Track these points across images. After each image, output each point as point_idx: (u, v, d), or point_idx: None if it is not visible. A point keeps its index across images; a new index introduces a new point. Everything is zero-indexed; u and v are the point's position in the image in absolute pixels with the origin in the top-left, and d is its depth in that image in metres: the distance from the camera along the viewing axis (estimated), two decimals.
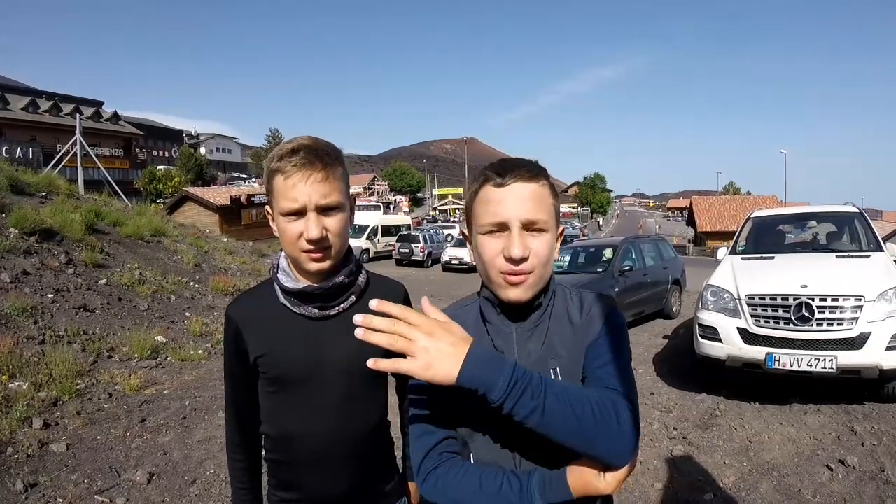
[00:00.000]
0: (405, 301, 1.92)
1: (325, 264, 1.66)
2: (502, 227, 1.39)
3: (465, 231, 1.57)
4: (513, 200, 1.38)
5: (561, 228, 1.53)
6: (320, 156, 1.60)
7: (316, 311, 1.73)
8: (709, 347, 7.02)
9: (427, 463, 1.42)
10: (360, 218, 40.83)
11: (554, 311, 1.51)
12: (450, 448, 1.44)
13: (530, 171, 1.42)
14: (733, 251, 8.63)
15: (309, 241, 1.60)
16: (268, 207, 1.71)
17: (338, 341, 1.73)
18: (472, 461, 1.43)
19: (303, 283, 1.71)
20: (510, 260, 1.37)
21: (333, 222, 1.63)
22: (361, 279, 1.81)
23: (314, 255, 1.63)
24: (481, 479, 1.34)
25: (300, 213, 1.60)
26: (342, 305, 1.75)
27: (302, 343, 1.73)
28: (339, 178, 1.65)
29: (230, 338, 1.77)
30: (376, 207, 67.20)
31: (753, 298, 6.71)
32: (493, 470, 1.36)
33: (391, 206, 74.99)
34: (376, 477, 1.87)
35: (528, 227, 1.39)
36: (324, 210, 1.61)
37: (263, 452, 1.86)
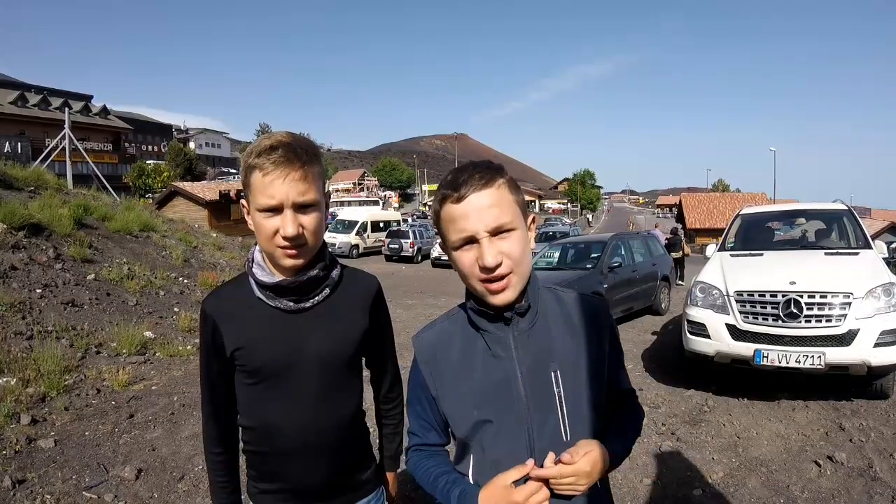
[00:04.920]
0: (378, 294, 1.97)
1: (300, 260, 1.70)
2: (471, 240, 1.44)
3: (441, 245, 1.62)
4: (474, 213, 1.42)
5: (532, 216, 1.57)
6: (299, 154, 1.61)
7: (291, 303, 1.75)
8: (697, 343, 7.04)
9: (409, 451, 1.73)
10: (354, 213, 40.82)
11: (547, 312, 1.57)
12: (422, 446, 1.70)
13: (482, 177, 1.44)
14: (722, 248, 8.65)
15: (285, 238, 1.62)
16: (244, 202, 1.72)
17: (313, 333, 1.77)
18: (473, 463, 1.58)
19: (278, 276, 1.73)
20: (485, 269, 1.42)
21: (309, 220, 1.66)
22: (335, 273, 1.84)
23: (289, 252, 1.65)
24: (431, 474, 1.62)
25: (277, 209, 1.62)
26: (317, 298, 1.78)
27: (278, 335, 1.75)
28: (316, 177, 1.67)
29: (207, 332, 1.78)
30: (374, 203, 67.42)
31: (742, 295, 6.73)
32: (441, 469, 1.62)
33: (381, 202, 75.10)
34: (353, 466, 1.90)
35: (496, 232, 1.42)
36: (300, 207, 1.63)
37: (241, 444, 1.88)
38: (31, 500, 4.34)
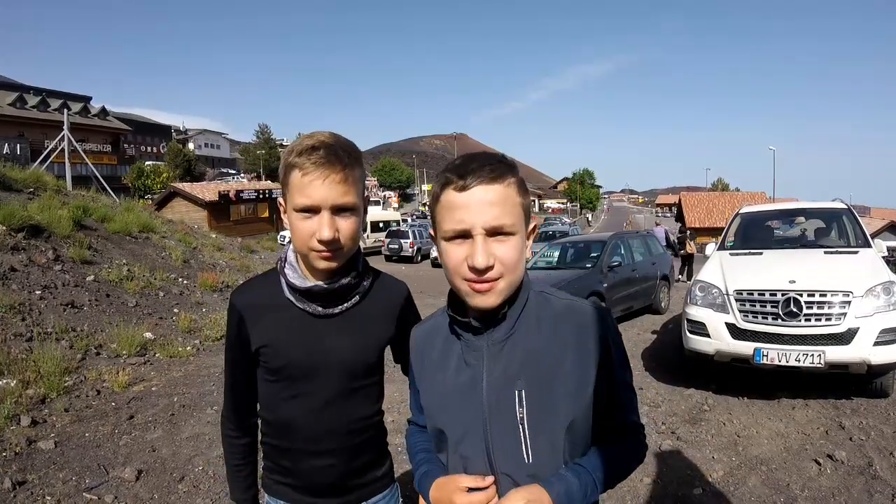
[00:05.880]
0: (407, 300, 1.94)
1: (335, 263, 1.67)
2: (465, 235, 1.34)
3: (433, 232, 1.51)
4: (475, 206, 1.32)
5: (533, 224, 1.47)
6: (340, 156, 1.58)
7: (319, 308, 1.74)
8: (697, 342, 7.04)
9: (409, 421, 1.81)
10: None
11: (528, 322, 1.45)
12: (413, 422, 1.76)
13: (494, 170, 1.34)
14: (722, 247, 8.65)
15: (321, 241, 1.59)
16: (281, 200, 1.70)
17: (339, 339, 1.76)
18: (448, 456, 1.53)
19: (310, 281, 1.72)
20: (474, 269, 1.32)
21: (347, 224, 1.64)
22: (367, 282, 1.82)
23: (324, 255, 1.63)
24: (416, 446, 1.70)
25: (314, 210, 1.59)
26: (345, 305, 1.77)
27: (304, 339, 1.75)
28: (356, 180, 1.64)
29: (233, 325, 1.79)
30: (375, 203, 68.02)
31: (742, 294, 6.73)
32: (423, 446, 1.67)
33: (382, 202, 75.60)
34: (368, 465, 1.90)
35: (493, 233, 1.33)
36: (338, 210, 1.61)
37: (260, 436, 1.89)
38: (31, 502, 4.34)
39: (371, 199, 76.89)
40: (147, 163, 70.76)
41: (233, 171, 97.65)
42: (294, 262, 1.75)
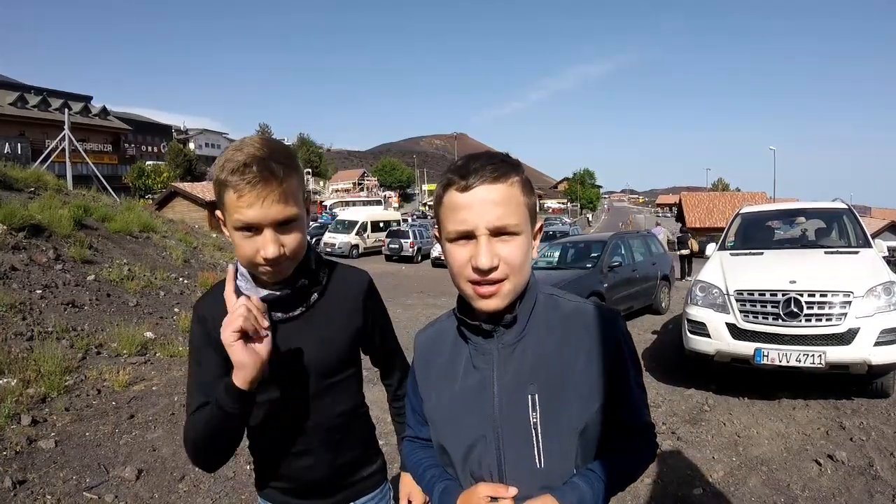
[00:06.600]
0: (369, 290, 1.91)
1: (283, 274, 1.65)
2: (469, 236, 1.32)
3: (437, 233, 1.48)
4: (478, 206, 1.29)
5: (539, 224, 1.45)
6: (275, 171, 1.50)
7: (279, 314, 1.72)
8: (697, 343, 7.04)
9: (403, 439, 1.81)
10: (355, 213, 40.95)
11: (538, 324, 1.43)
12: (415, 438, 1.71)
13: (497, 170, 1.32)
14: (722, 247, 8.65)
15: (266, 260, 1.55)
16: (219, 213, 1.63)
17: (304, 340, 1.74)
18: (456, 464, 1.49)
19: (262, 291, 1.68)
20: (478, 270, 1.30)
21: (291, 237, 1.58)
22: (322, 276, 1.80)
23: (270, 269, 1.59)
24: (421, 465, 1.63)
25: (255, 229, 1.54)
26: (305, 305, 1.75)
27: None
28: (295, 189, 1.57)
29: (200, 332, 1.77)
30: (377, 203, 68.10)
31: (742, 294, 6.73)
32: (430, 462, 1.61)
33: (381, 203, 75.75)
34: (356, 462, 1.90)
35: (497, 233, 1.30)
36: (280, 225, 1.56)
37: (247, 442, 1.88)
38: (31, 501, 4.34)
39: (371, 198, 77.04)
40: (148, 162, 70.87)
41: None
42: (245, 273, 1.71)
